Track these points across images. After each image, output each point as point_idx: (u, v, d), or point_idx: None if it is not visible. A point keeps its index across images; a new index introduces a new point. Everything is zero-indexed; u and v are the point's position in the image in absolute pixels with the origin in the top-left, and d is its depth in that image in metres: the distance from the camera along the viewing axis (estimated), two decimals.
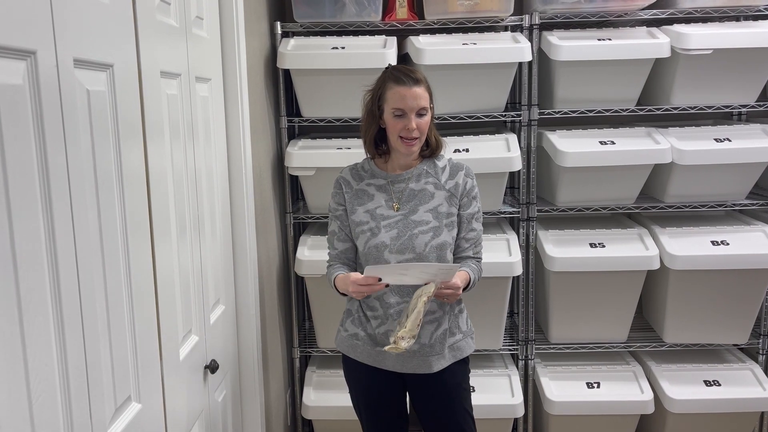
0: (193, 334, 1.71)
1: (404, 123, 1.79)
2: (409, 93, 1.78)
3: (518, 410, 2.60)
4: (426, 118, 1.82)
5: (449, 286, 1.73)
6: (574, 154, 2.49)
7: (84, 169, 1.09)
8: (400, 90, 1.79)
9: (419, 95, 1.79)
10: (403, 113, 1.79)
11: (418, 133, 1.81)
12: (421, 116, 1.81)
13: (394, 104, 1.80)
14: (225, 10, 2.01)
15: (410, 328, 1.68)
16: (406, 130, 1.79)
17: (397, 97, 1.79)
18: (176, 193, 1.57)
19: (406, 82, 1.79)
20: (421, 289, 1.72)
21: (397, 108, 1.79)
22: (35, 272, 0.94)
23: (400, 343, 1.67)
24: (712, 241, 2.56)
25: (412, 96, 1.78)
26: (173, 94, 1.56)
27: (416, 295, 1.72)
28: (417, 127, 1.80)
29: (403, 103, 1.78)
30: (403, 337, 1.67)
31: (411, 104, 1.78)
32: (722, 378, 2.66)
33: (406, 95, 1.78)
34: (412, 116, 1.79)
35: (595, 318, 2.68)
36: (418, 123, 1.80)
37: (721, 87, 2.58)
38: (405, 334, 1.67)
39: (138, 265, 1.31)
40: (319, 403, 2.66)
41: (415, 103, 1.79)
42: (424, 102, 1.81)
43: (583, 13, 2.55)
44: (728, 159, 2.51)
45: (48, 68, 0.97)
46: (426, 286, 1.71)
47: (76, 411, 1.05)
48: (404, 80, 1.80)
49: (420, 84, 1.81)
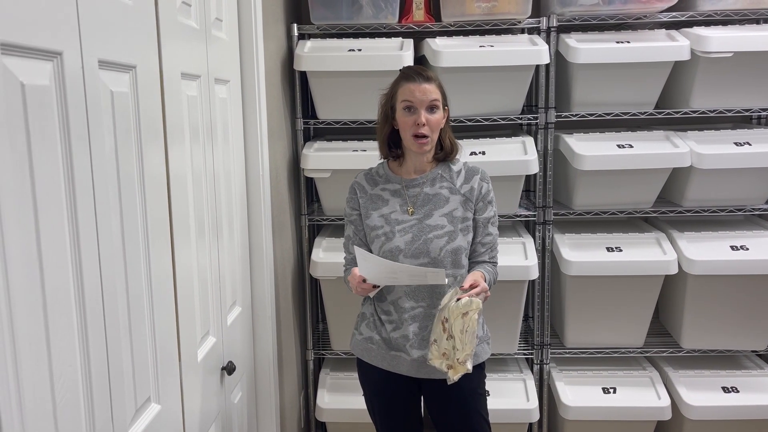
0: (210, 336, 1.71)
1: (414, 118, 1.79)
2: (418, 88, 1.79)
3: (533, 415, 2.58)
4: (437, 115, 1.81)
5: (479, 291, 1.70)
6: (591, 158, 2.47)
7: (107, 171, 1.09)
8: (410, 85, 1.80)
9: (429, 90, 1.79)
10: (413, 106, 1.79)
11: (429, 130, 1.80)
12: (431, 112, 1.80)
13: (404, 97, 1.80)
14: (243, 12, 2.01)
15: (471, 349, 1.65)
16: (416, 125, 1.79)
17: (407, 91, 1.80)
18: (195, 195, 1.58)
19: (416, 79, 1.80)
20: (462, 305, 1.64)
21: (406, 100, 1.80)
22: (60, 273, 0.94)
23: (467, 365, 1.64)
24: (731, 245, 2.54)
25: (422, 90, 1.79)
26: (193, 96, 1.56)
27: (455, 312, 1.63)
28: (427, 123, 1.79)
29: (412, 96, 1.79)
30: (467, 360, 1.64)
31: (420, 97, 1.79)
32: (741, 384, 2.63)
33: (416, 90, 1.79)
34: (422, 111, 1.79)
35: (612, 323, 2.66)
36: (428, 118, 1.79)
37: (741, 90, 2.55)
38: (468, 357, 1.64)
39: (158, 266, 1.31)
40: (333, 405, 2.65)
41: (425, 96, 1.79)
42: (435, 96, 1.80)
43: (602, 16, 2.53)
44: (748, 163, 2.48)
45: (74, 69, 0.98)
46: (470, 302, 1.64)
47: (98, 412, 1.06)
48: (414, 77, 1.81)
49: (431, 81, 1.81)
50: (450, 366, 1.65)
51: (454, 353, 1.65)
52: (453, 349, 1.65)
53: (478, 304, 1.65)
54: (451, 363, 1.65)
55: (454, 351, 1.65)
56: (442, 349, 1.67)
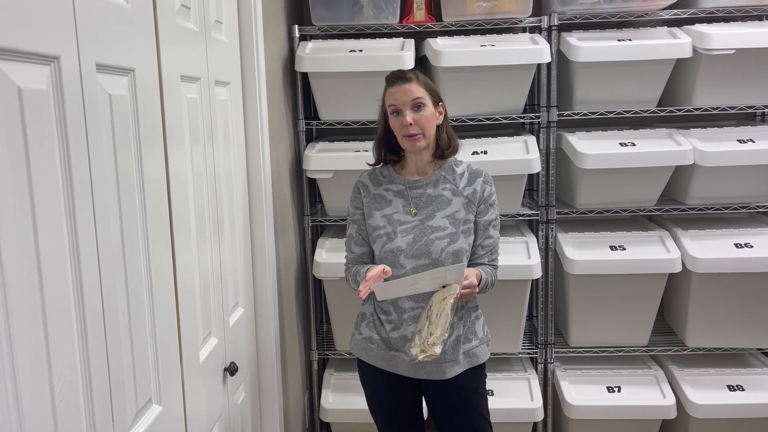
0: (212, 337, 1.72)
1: (401, 119, 1.82)
2: (398, 90, 1.82)
3: (538, 414, 2.58)
4: (424, 112, 1.82)
5: (466, 285, 1.72)
6: (593, 156, 2.47)
7: (106, 173, 1.10)
8: (391, 90, 1.85)
9: (410, 89, 1.82)
10: (398, 109, 1.82)
11: (417, 128, 1.81)
12: (417, 110, 1.81)
13: (389, 103, 1.85)
14: (244, 13, 2.01)
15: (441, 333, 1.65)
16: (404, 126, 1.81)
17: (390, 96, 1.85)
18: (196, 197, 1.58)
19: (396, 82, 1.84)
20: (443, 291, 1.70)
21: (391, 105, 1.84)
22: (59, 275, 0.95)
23: (434, 349, 1.65)
24: (736, 243, 2.52)
25: (402, 92, 1.82)
26: (193, 98, 1.57)
27: (437, 298, 1.69)
28: (415, 122, 1.81)
29: (395, 99, 1.83)
30: (435, 343, 1.65)
31: (402, 99, 1.81)
32: (746, 383, 2.62)
33: (397, 92, 1.83)
34: (407, 111, 1.81)
35: (616, 321, 2.65)
36: (414, 117, 1.81)
37: (744, 87, 2.54)
38: (437, 339, 1.65)
39: (159, 268, 1.32)
40: (337, 405, 2.66)
41: (406, 97, 1.81)
42: (418, 94, 1.81)
43: (603, 14, 2.52)
44: (752, 160, 2.47)
45: (71, 73, 0.98)
46: (449, 288, 1.69)
47: (99, 413, 1.06)
48: (394, 81, 1.85)
49: (411, 81, 1.83)
50: (423, 350, 1.67)
51: (429, 336, 1.67)
52: (427, 331, 1.68)
53: (456, 289, 1.68)
54: (423, 347, 1.67)
55: (429, 335, 1.67)
56: (422, 336, 1.69)
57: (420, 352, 1.67)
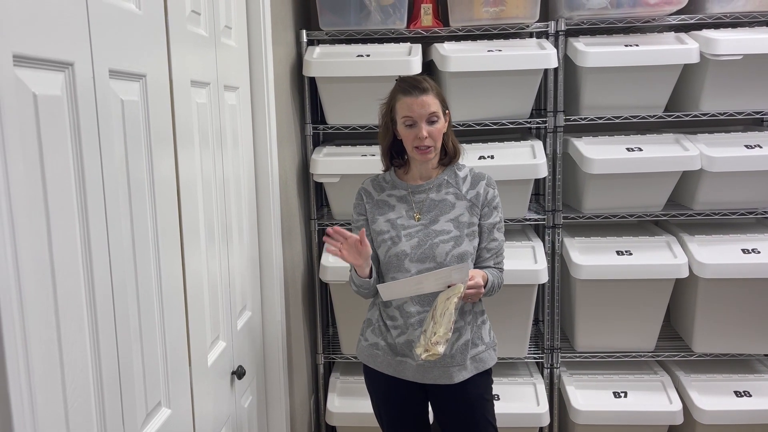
0: (220, 340, 1.73)
1: (415, 132, 1.80)
2: (416, 102, 1.80)
3: (543, 419, 2.57)
4: (438, 125, 1.82)
5: (471, 285, 1.73)
6: (600, 161, 2.47)
7: (118, 178, 1.11)
8: (407, 100, 1.81)
9: (427, 103, 1.80)
10: (413, 122, 1.81)
11: (431, 141, 1.81)
12: (432, 123, 1.81)
13: (404, 114, 1.82)
14: (253, 19, 2.03)
15: (444, 332, 1.65)
16: (417, 138, 1.80)
17: (405, 107, 1.81)
18: (205, 201, 1.59)
19: (413, 92, 1.81)
20: (447, 291, 1.70)
21: (406, 117, 1.81)
22: (72, 279, 0.96)
23: (437, 348, 1.64)
24: (743, 249, 2.52)
25: (420, 104, 1.79)
26: (203, 103, 1.58)
27: (442, 298, 1.70)
28: (429, 135, 1.80)
29: (411, 111, 1.80)
30: (439, 342, 1.65)
31: (419, 112, 1.79)
32: (753, 389, 2.61)
33: (413, 104, 1.80)
34: (423, 124, 1.80)
35: (622, 326, 2.64)
36: (429, 130, 1.80)
37: (751, 93, 2.54)
38: (440, 339, 1.65)
39: (168, 271, 1.33)
40: (343, 409, 2.66)
41: (423, 110, 1.79)
42: (434, 108, 1.81)
43: (610, 19, 2.53)
44: (759, 166, 2.47)
45: (85, 79, 0.99)
46: (453, 288, 1.70)
47: (110, 416, 1.07)
48: (411, 90, 1.81)
49: (427, 92, 1.81)
50: (426, 349, 1.67)
51: (433, 336, 1.66)
52: (431, 331, 1.67)
53: (460, 288, 1.68)
54: (427, 346, 1.67)
55: (432, 334, 1.67)
56: (427, 335, 1.69)
57: (423, 352, 1.67)
